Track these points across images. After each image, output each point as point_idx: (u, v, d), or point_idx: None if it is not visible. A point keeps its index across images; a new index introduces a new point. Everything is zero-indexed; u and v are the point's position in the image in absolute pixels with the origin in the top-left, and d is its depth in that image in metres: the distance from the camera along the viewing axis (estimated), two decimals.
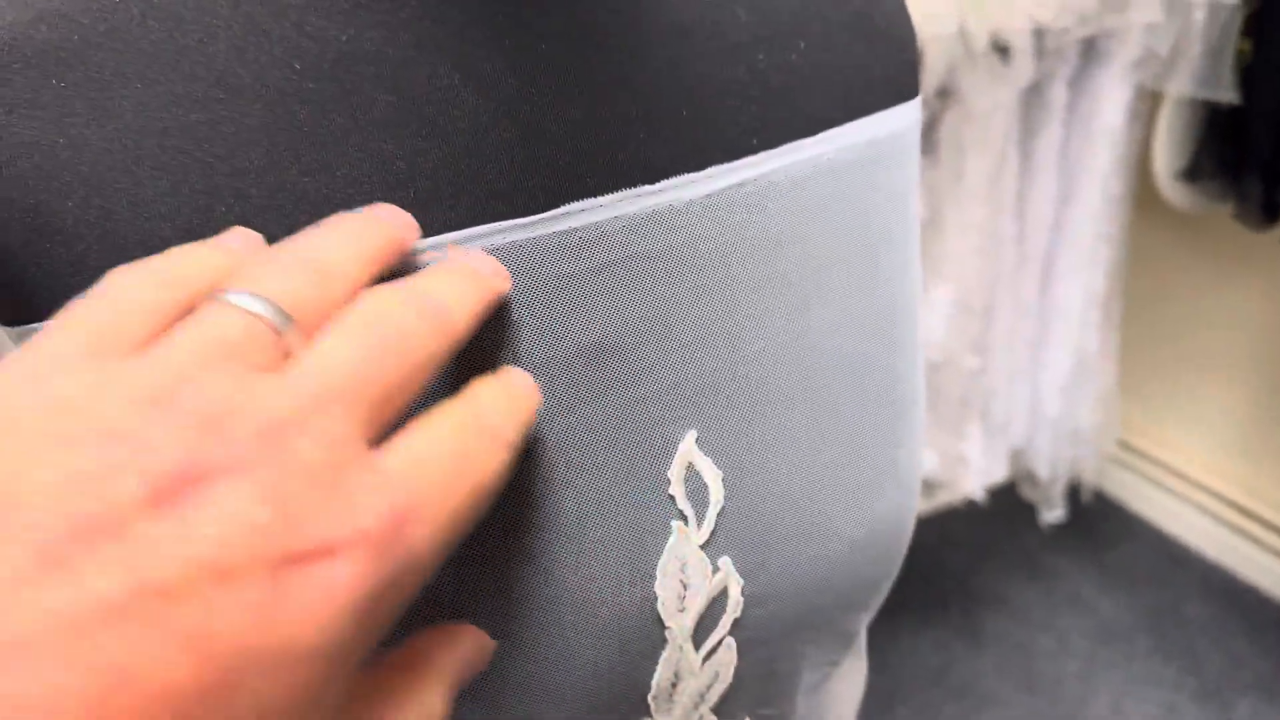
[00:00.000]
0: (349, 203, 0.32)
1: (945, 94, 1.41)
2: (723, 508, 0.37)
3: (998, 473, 1.72)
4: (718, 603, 0.37)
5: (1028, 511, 1.98)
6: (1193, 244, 1.91)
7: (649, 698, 0.38)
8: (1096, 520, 2.10)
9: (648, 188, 0.35)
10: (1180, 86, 1.48)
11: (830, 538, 0.39)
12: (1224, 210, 1.63)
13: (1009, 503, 2.03)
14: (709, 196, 0.36)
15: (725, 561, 0.37)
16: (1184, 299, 1.96)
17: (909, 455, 0.41)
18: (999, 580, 1.99)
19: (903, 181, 0.41)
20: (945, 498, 1.94)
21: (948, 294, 1.56)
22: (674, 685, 0.38)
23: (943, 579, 2.00)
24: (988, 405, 1.66)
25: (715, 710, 0.40)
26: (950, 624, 1.89)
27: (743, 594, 0.38)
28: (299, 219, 0.32)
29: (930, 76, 1.34)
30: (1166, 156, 1.58)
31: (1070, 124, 1.53)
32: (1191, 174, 1.59)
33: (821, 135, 0.38)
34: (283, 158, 0.31)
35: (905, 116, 0.41)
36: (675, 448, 0.36)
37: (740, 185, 0.36)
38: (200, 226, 0.31)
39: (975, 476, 1.68)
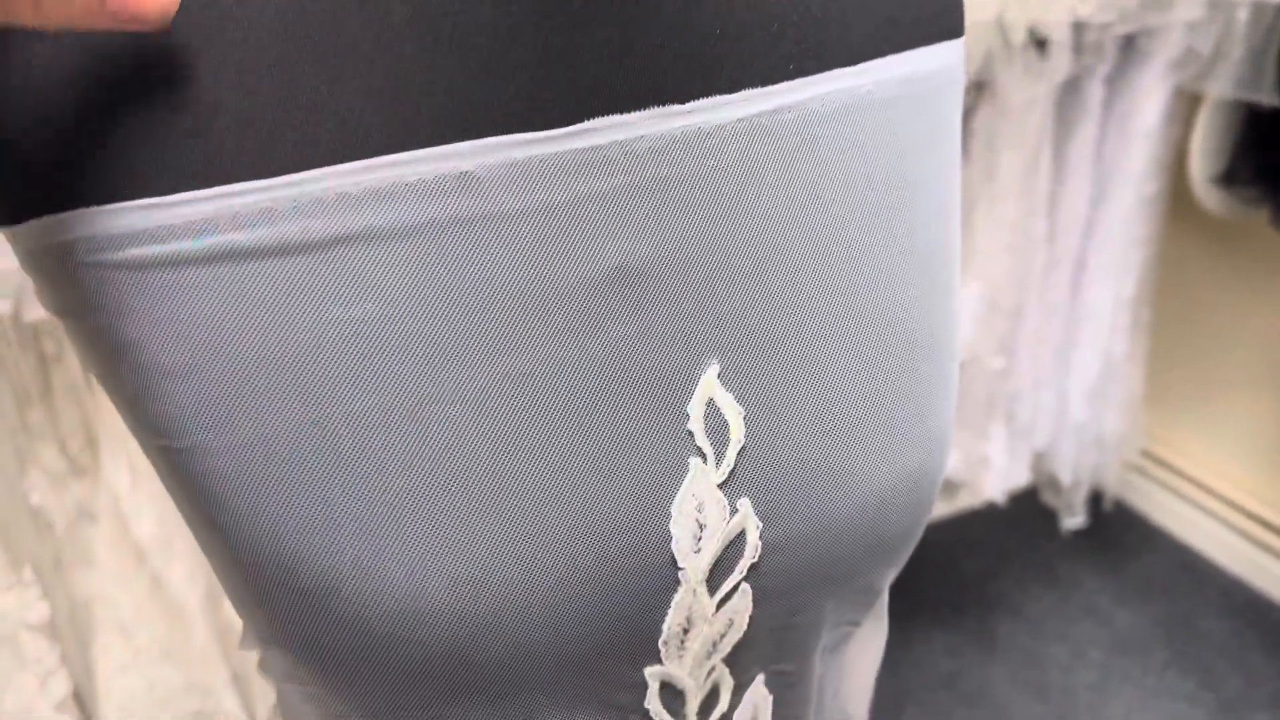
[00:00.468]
0: (362, 112, 0.31)
1: (980, 87, 1.39)
2: (743, 447, 0.36)
3: (1019, 476, 1.69)
4: (734, 546, 0.36)
5: (1047, 518, 1.95)
6: (1226, 250, 1.87)
7: (660, 642, 0.37)
8: (1116, 530, 2.07)
9: (676, 107, 0.33)
10: (1220, 88, 1.45)
11: (854, 486, 0.37)
12: (1260, 217, 1.60)
13: (1029, 509, 2.00)
14: (740, 121, 0.34)
15: (744, 503, 0.36)
16: (1214, 306, 1.92)
17: (940, 407, 0.40)
18: (1015, 587, 1.96)
19: (943, 123, 0.40)
20: (966, 500, 1.91)
21: (976, 292, 1.54)
22: (686, 631, 0.37)
23: (958, 583, 1.98)
24: (1012, 407, 1.64)
25: (729, 663, 0.39)
26: (964, 629, 1.87)
27: (761, 539, 0.36)
28: (310, 128, 0.31)
29: (965, 67, 1.32)
30: (1203, 160, 1.56)
31: (1106, 123, 1.51)
32: (1228, 179, 1.56)
33: (861, 66, 0.36)
34: (295, 63, 0.30)
35: (948, 55, 0.39)
36: (696, 382, 0.35)
37: (775, 112, 0.35)
38: (206, 126, 0.30)
39: (997, 479, 1.66)
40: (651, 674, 0.37)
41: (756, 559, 0.36)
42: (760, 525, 0.36)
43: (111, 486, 1.11)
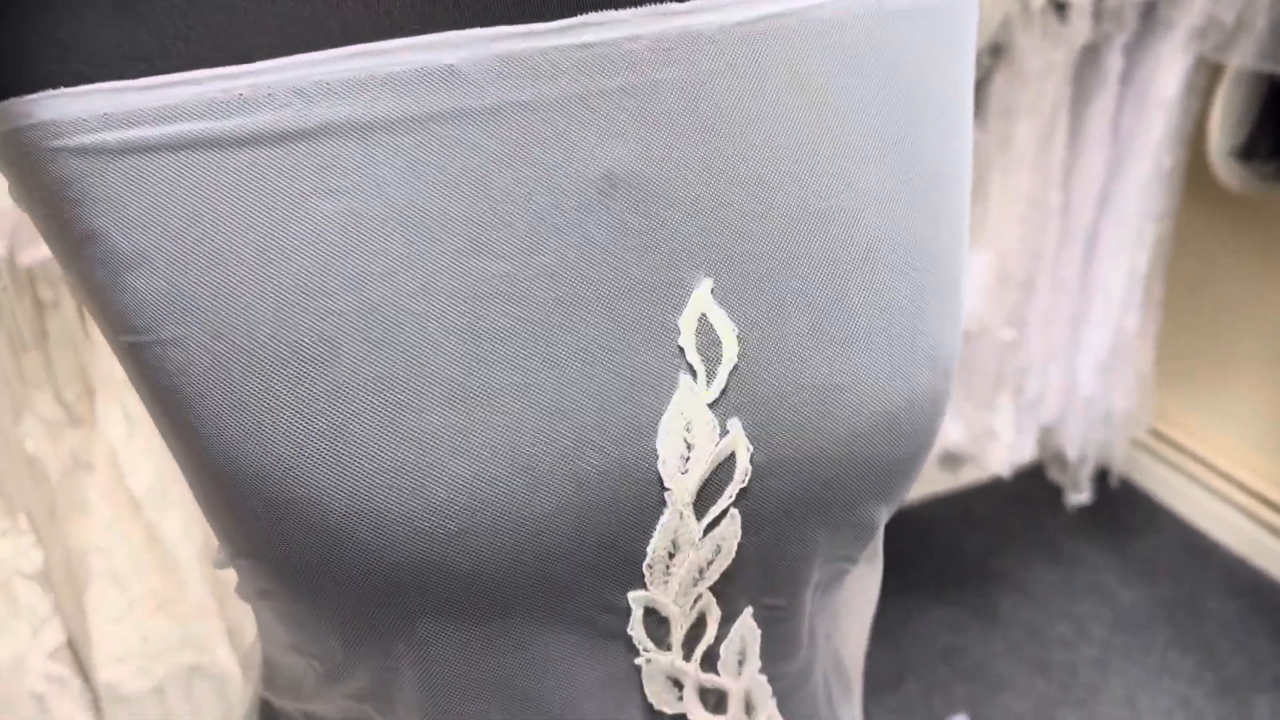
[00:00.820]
0: None
1: (997, 51, 1.37)
2: (736, 366, 0.34)
3: (1026, 450, 1.68)
4: (724, 469, 0.35)
5: (1053, 494, 1.94)
6: (1242, 227, 1.85)
7: (644, 566, 0.35)
8: (1122, 509, 2.06)
9: (676, 5, 0.32)
10: (1243, 59, 1.42)
11: (851, 411, 0.36)
12: (1279, 193, 1.58)
13: (1034, 485, 1.99)
14: (742, 25, 0.32)
15: (735, 424, 0.34)
16: (1228, 284, 1.90)
17: (945, 330, 0.38)
18: (1019, 563, 1.95)
19: (958, 42, 0.38)
20: (971, 474, 1.90)
21: (988, 262, 1.52)
22: (671, 556, 0.35)
23: (961, 557, 1.97)
24: (1021, 380, 1.62)
25: (716, 592, 0.37)
26: (966, 604, 1.86)
27: (752, 462, 0.35)
28: (289, 14, 0.30)
29: (983, 31, 1.30)
30: (1222, 133, 1.53)
31: (1124, 93, 1.48)
32: (1247, 153, 1.53)
33: None
34: None
35: None
36: (688, 297, 0.34)
37: (781, 16, 0.33)
38: (181, 9, 0.29)
39: (1003, 452, 1.64)
40: (635, 599, 0.36)
41: (746, 483, 0.35)
42: (751, 448, 0.35)
43: (107, 436, 1.10)
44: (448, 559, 0.32)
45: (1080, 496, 1.83)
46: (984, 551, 1.98)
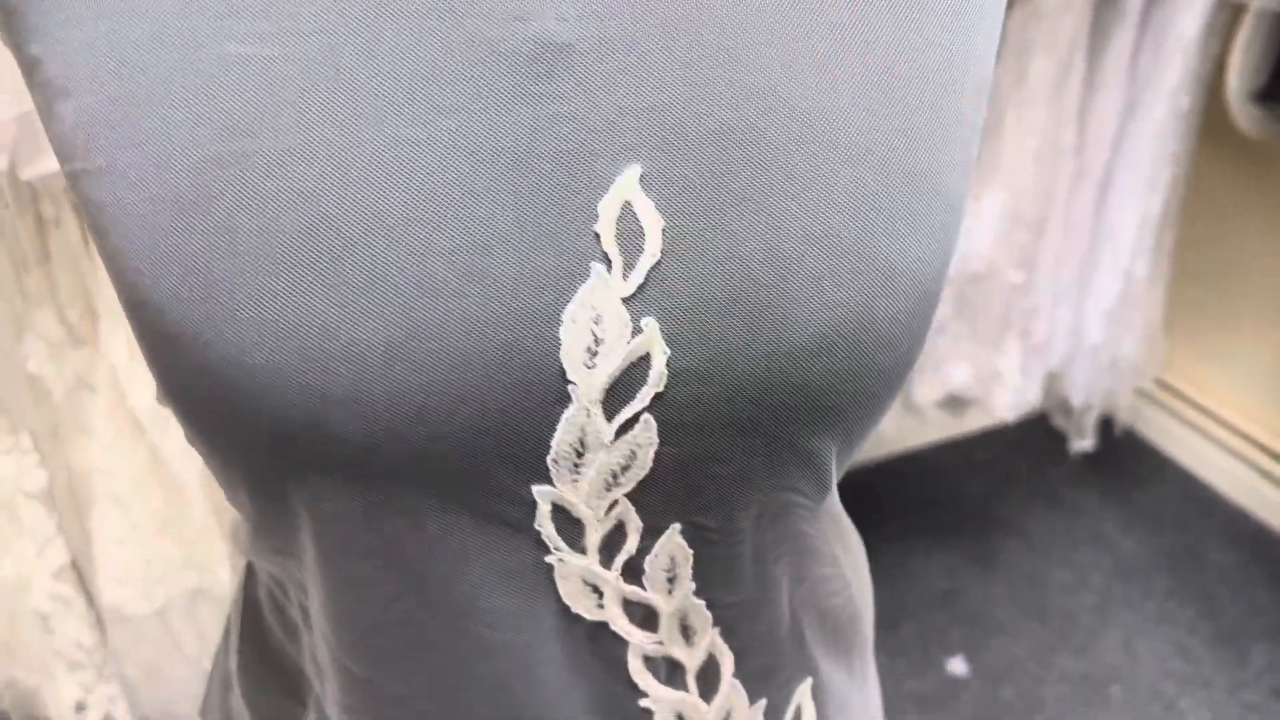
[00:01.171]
0: None
1: None
2: (659, 263, 0.32)
3: (1032, 395, 1.67)
4: (638, 370, 0.33)
5: (1056, 442, 1.94)
6: (1258, 173, 1.82)
7: (549, 460, 0.34)
8: (1125, 458, 2.05)
9: None
10: None
11: (784, 327, 0.33)
12: None
13: (1038, 432, 1.99)
14: None
15: (650, 324, 0.32)
16: (1240, 233, 1.87)
17: (914, 258, 0.34)
18: (1020, 510, 1.95)
19: None
20: (975, 420, 1.89)
21: (1000, 202, 1.50)
22: (580, 455, 0.34)
23: (962, 503, 1.97)
24: (1029, 323, 1.61)
25: (635, 501, 0.36)
26: (965, 549, 1.86)
27: (671, 367, 0.33)
28: None
29: None
30: (1241, 75, 1.50)
31: (1143, 32, 1.45)
32: (1266, 96, 1.51)
33: None
34: None
35: None
36: (614, 181, 0.32)
37: None
38: None
39: (1009, 395, 1.63)
40: (540, 493, 0.35)
41: (663, 388, 0.33)
42: (669, 352, 0.33)
43: (110, 358, 1.10)
44: (328, 420, 0.32)
45: (1084, 444, 1.83)
46: (985, 497, 1.98)
